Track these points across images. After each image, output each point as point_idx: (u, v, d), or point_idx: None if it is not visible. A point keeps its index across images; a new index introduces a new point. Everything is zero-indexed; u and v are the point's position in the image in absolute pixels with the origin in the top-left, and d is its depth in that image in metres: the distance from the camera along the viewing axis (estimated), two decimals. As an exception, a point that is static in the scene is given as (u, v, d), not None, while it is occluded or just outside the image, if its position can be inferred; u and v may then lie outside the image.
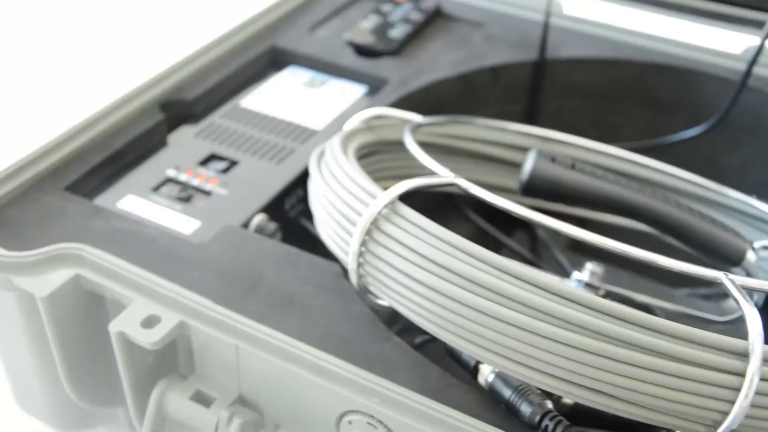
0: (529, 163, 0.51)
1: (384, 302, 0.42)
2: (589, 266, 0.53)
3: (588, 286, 0.53)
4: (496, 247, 0.67)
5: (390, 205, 0.41)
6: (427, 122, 0.55)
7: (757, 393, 0.35)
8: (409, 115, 0.57)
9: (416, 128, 0.55)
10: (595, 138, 0.74)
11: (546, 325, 0.35)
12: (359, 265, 0.42)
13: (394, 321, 0.49)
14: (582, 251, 0.67)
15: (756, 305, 0.54)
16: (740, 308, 0.37)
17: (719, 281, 0.39)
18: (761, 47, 0.62)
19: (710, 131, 0.67)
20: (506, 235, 0.68)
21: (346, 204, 0.44)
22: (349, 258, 0.42)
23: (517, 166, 0.61)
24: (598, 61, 0.72)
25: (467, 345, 0.38)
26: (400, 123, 0.57)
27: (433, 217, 0.73)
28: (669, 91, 0.72)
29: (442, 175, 0.44)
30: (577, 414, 0.46)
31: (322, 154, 0.51)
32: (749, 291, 0.55)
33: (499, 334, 0.36)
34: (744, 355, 0.35)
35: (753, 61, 0.62)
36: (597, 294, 0.53)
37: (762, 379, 0.35)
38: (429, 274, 0.38)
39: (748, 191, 0.61)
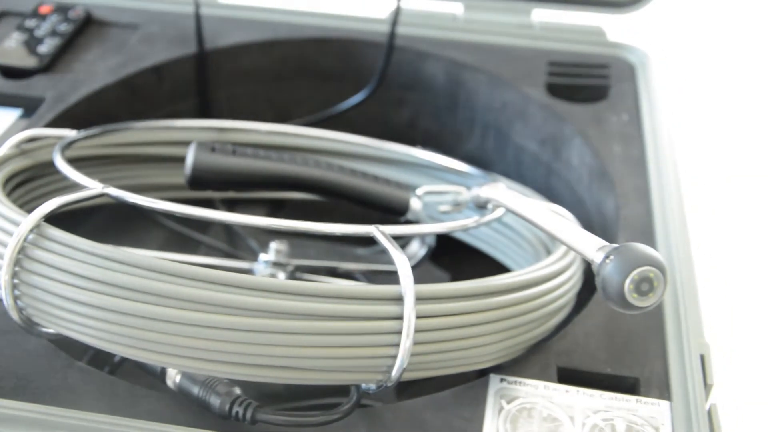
0: (189, 157, 0.50)
1: (51, 330, 0.40)
2: (273, 245, 0.54)
3: (276, 264, 0.54)
4: (195, 246, 0.66)
5: (36, 229, 0.39)
6: (81, 136, 0.53)
7: (417, 331, 0.37)
8: (66, 132, 0.55)
9: (69, 145, 0.52)
10: (275, 119, 0.75)
11: (200, 314, 0.35)
12: (16, 298, 0.39)
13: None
14: (275, 233, 0.68)
15: (429, 247, 0.58)
16: (390, 256, 0.39)
17: (372, 235, 0.40)
18: (398, 9, 0.66)
19: (374, 94, 0.70)
20: (203, 233, 0.67)
21: (-9, 239, 0.41)
22: (3, 293, 0.39)
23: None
24: (259, 45, 0.73)
25: (135, 353, 0.37)
26: (57, 142, 0.55)
27: (126, 229, 0.70)
28: (332, 62, 0.74)
29: (90, 187, 0.42)
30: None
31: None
32: (423, 238, 0.59)
33: (159, 334, 0.36)
34: (399, 299, 0.37)
35: (394, 22, 0.66)
36: (285, 270, 0.54)
37: (418, 317, 0.37)
38: (85, 291, 0.37)
39: (417, 143, 0.65)
